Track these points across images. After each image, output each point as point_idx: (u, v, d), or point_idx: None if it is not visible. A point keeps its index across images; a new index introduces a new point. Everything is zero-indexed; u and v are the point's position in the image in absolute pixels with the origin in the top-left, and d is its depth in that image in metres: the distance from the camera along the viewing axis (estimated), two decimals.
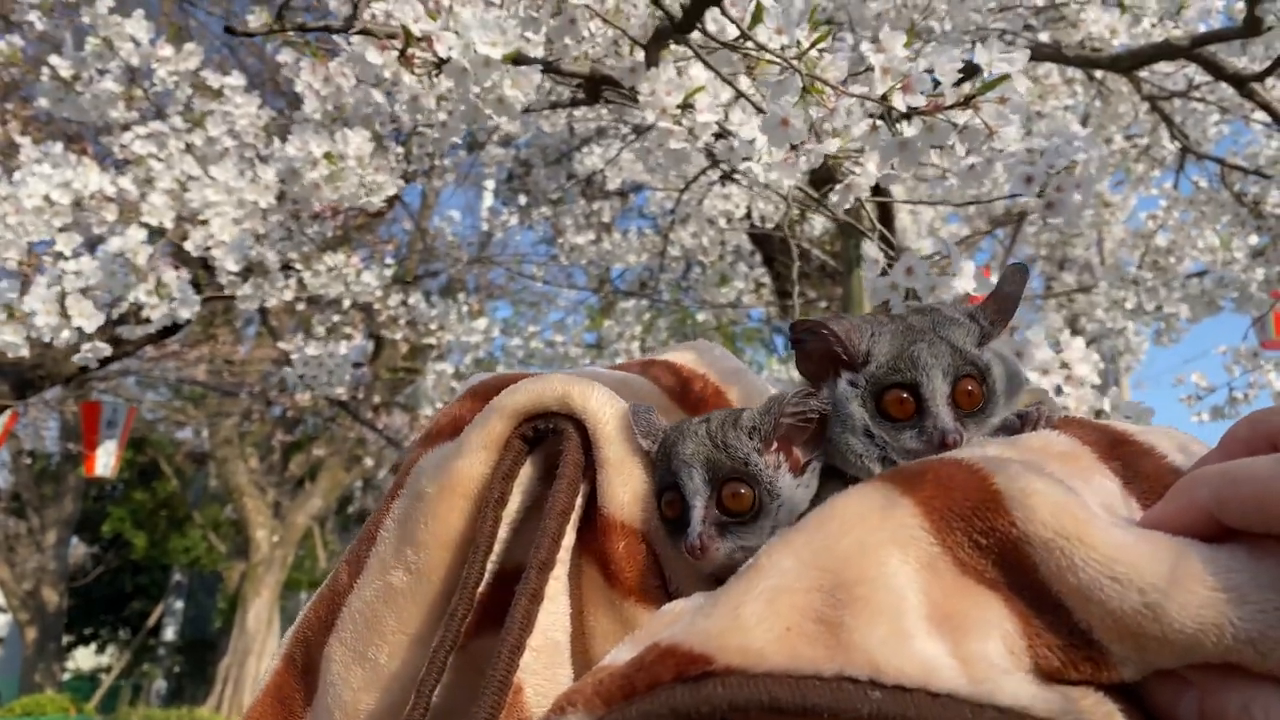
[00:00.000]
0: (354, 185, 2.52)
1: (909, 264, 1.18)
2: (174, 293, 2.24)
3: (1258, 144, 3.05)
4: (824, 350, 0.59)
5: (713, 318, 6.05)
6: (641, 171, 5.13)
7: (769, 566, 0.44)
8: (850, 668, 0.38)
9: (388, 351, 8.37)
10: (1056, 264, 4.60)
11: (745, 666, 0.39)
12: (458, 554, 0.59)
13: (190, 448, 14.74)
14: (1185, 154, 3.36)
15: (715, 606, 0.43)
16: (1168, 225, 3.49)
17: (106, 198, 2.42)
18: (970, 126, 1.05)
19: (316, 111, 2.66)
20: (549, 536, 0.56)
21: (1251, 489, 0.38)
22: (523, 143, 5.75)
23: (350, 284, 4.46)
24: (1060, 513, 0.41)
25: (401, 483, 0.64)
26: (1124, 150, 3.68)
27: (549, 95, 3.57)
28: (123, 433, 8.88)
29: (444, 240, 6.73)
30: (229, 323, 9.73)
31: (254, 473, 12.18)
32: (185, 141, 2.74)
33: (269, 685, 0.65)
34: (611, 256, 5.67)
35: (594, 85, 2.29)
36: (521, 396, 0.60)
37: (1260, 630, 0.36)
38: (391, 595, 0.59)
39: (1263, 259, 3.06)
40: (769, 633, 0.40)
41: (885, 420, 0.57)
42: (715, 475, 0.56)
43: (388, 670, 0.59)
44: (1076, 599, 0.39)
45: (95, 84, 2.76)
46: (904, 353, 0.57)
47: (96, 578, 15.32)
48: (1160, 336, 3.53)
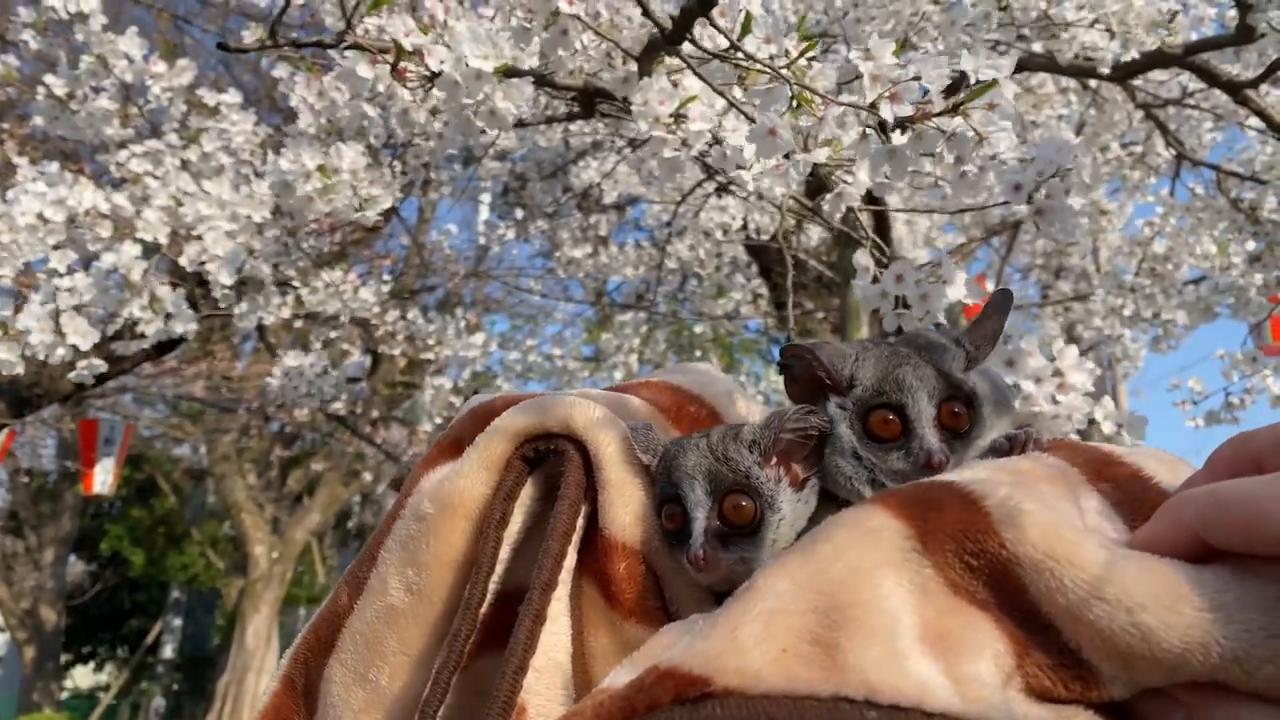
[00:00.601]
0: (348, 198, 2.52)
1: (899, 271, 1.18)
2: (168, 308, 2.23)
3: (1252, 150, 3.06)
4: (810, 375, 0.60)
5: (710, 329, 6.05)
6: (637, 184, 5.14)
7: (765, 589, 0.44)
8: (846, 688, 0.38)
9: (386, 366, 8.36)
10: (1053, 272, 4.61)
11: (743, 688, 0.39)
12: (460, 574, 0.59)
13: (188, 464, 14.71)
14: (1180, 161, 3.37)
15: (713, 629, 0.43)
16: (1164, 232, 3.49)
17: (101, 214, 2.42)
18: (959, 133, 1.04)
19: (311, 126, 2.66)
20: (551, 557, 0.56)
21: (1236, 511, 0.38)
22: (519, 157, 5.76)
23: (347, 300, 4.45)
24: (1049, 534, 0.42)
25: (403, 504, 0.64)
26: (1119, 158, 3.68)
27: (544, 110, 3.57)
28: (120, 450, 8.87)
29: (441, 254, 6.74)
30: (226, 339, 9.72)
31: (252, 489, 12.15)
32: (181, 158, 2.74)
33: (268, 708, 0.64)
34: (608, 269, 5.67)
35: (588, 98, 2.29)
36: (523, 418, 0.61)
37: (1245, 649, 0.36)
38: (393, 616, 0.60)
39: (1260, 264, 3.06)
40: (766, 654, 0.40)
41: (872, 442, 0.58)
42: (717, 487, 0.56)
43: (389, 692, 0.59)
44: (1066, 619, 0.40)
45: (90, 102, 2.76)
46: (889, 375, 0.58)
47: (94, 596, 15.25)
48: (1158, 343, 3.52)
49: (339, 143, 2.62)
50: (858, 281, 1.28)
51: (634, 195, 5.61)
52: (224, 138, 2.90)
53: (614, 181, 5.14)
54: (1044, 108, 3.30)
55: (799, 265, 4.86)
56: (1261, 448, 0.42)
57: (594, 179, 5.18)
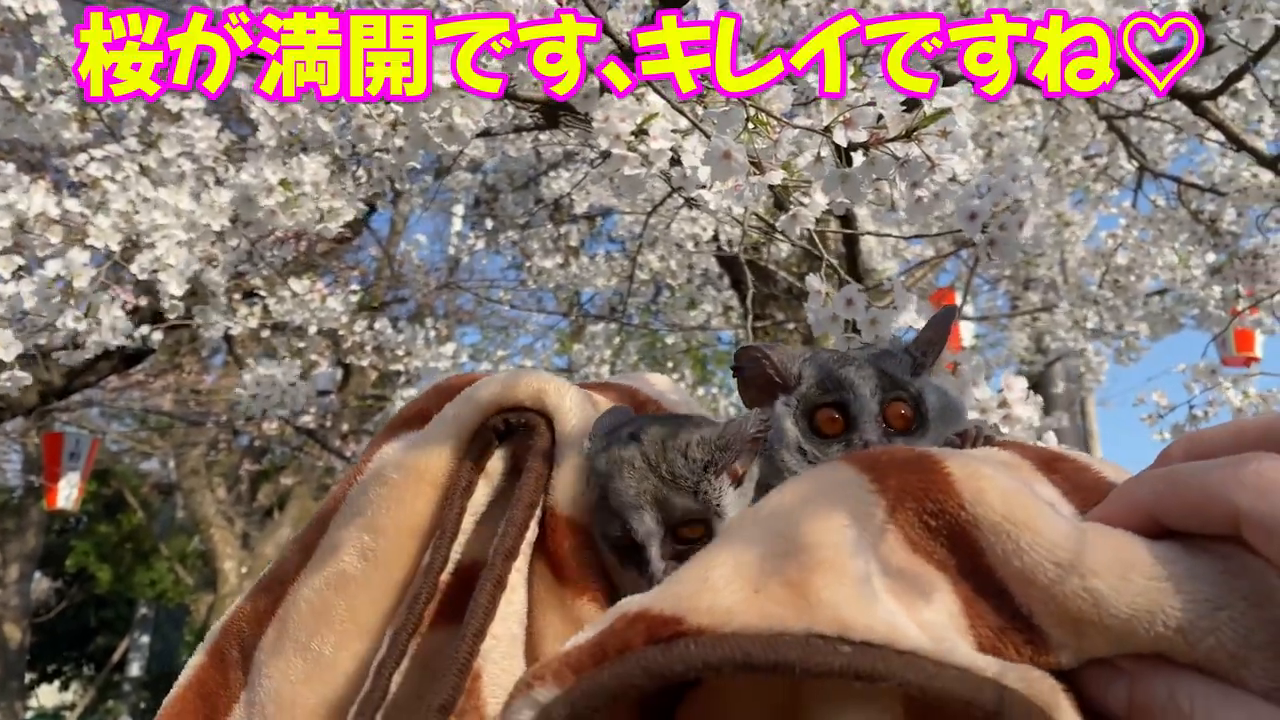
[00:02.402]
0: (310, 211, 2.49)
1: (849, 296, 1.17)
2: (105, 318, 2.16)
3: (1212, 162, 3.09)
4: (761, 375, 0.63)
5: (682, 340, 6.04)
6: (609, 195, 5.13)
7: (735, 535, 0.45)
8: (819, 625, 0.38)
9: (357, 379, 8.29)
10: (1022, 284, 4.64)
11: (715, 626, 0.39)
12: (420, 542, 0.58)
13: (156, 479, 14.51)
14: (1143, 173, 3.40)
15: (684, 573, 0.44)
16: (1127, 244, 3.52)
17: (51, 220, 2.37)
18: (912, 160, 1.04)
19: (271, 138, 2.63)
20: (516, 526, 0.56)
21: (1190, 490, 0.40)
22: (490, 168, 5.74)
23: (315, 310, 4.40)
24: (1009, 498, 0.43)
25: (360, 469, 0.63)
26: (1083, 170, 3.71)
27: (512, 120, 3.55)
28: (86, 464, 8.72)
29: (411, 265, 6.70)
30: (195, 352, 9.60)
31: (222, 503, 12.00)
32: (140, 163, 2.69)
33: (191, 680, 0.61)
34: (579, 280, 5.65)
35: (551, 111, 2.27)
36: (495, 388, 0.60)
37: (1190, 620, 0.38)
38: (344, 582, 0.58)
39: (1220, 276, 3.09)
40: (738, 594, 0.40)
41: (816, 437, 0.60)
42: (668, 517, 0.55)
43: (332, 661, 0.57)
44: (1020, 583, 0.41)
45: (47, 105, 2.70)
46: (834, 374, 0.61)
47: (60, 613, 15.00)
48: (1120, 355, 3.55)
49: (302, 155, 2.58)
50: (809, 305, 1.27)
51: (606, 206, 5.60)
52: (186, 144, 2.85)
53: (585, 192, 5.13)
54: (1009, 118, 3.33)
55: (769, 277, 4.87)
56: (1214, 445, 0.43)
57: (565, 190, 5.17)
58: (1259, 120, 2.71)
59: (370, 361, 5.63)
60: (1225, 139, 2.58)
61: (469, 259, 6.51)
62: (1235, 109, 2.81)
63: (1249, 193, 2.90)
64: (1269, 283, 3.04)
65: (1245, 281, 3.11)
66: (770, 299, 5.57)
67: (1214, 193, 3.00)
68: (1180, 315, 3.54)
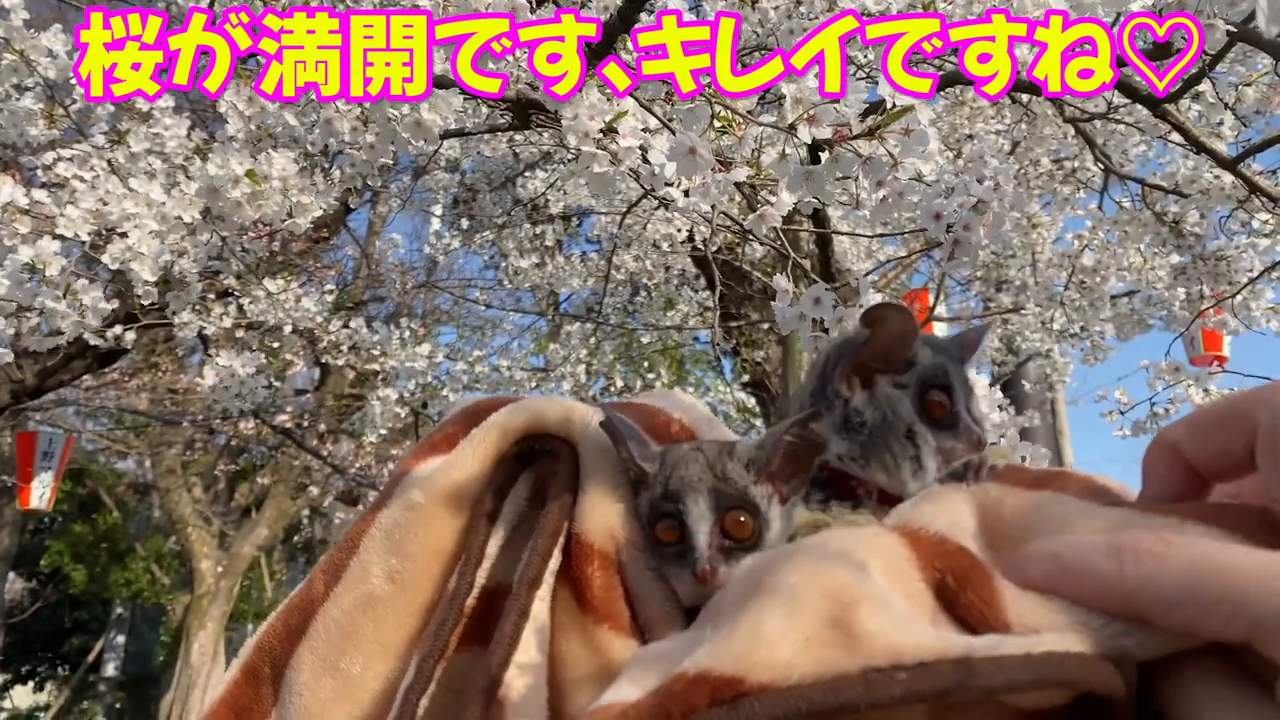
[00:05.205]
0: (277, 205, 2.48)
1: (816, 295, 1.19)
2: (84, 300, 2.15)
3: (1176, 164, 3.14)
4: (892, 339, 0.62)
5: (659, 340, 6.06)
6: (586, 196, 5.14)
7: (776, 584, 0.45)
8: (873, 659, 0.39)
9: (334, 379, 8.25)
10: (994, 285, 4.68)
11: (776, 681, 0.40)
12: (445, 566, 0.60)
13: (132, 478, 14.38)
14: (1109, 175, 3.45)
15: (734, 630, 0.44)
16: (1093, 245, 3.57)
17: (20, 210, 2.35)
18: (874, 157, 1.06)
19: (240, 132, 2.62)
20: (539, 555, 0.57)
21: (1216, 409, 0.42)
22: (469, 168, 5.73)
23: (290, 309, 4.39)
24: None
25: (390, 493, 0.64)
26: (1050, 172, 3.76)
27: (486, 119, 3.56)
28: (59, 464, 8.64)
29: (388, 265, 6.68)
30: (171, 351, 9.53)
31: (198, 503, 11.91)
32: (108, 159, 2.67)
33: (225, 696, 0.62)
34: (555, 280, 5.66)
35: (521, 109, 2.28)
36: (521, 415, 0.62)
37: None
38: (372, 604, 0.59)
39: (1184, 277, 3.14)
40: (792, 644, 0.41)
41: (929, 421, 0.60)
42: (720, 503, 0.57)
43: (360, 681, 0.58)
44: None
45: (13, 101, 2.68)
46: (941, 369, 0.60)
47: (34, 613, 14.82)
48: (1087, 356, 3.60)
49: (271, 150, 2.57)
50: (776, 304, 1.29)
51: (583, 207, 5.61)
52: (156, 142, 2.83)
53: (561, 192, 5.13)
54: (977, 121, 3.37)
55: (744, 277, 4.89)
56: (1178, 442, 0.44)
57: (541, 190, 5.17)
58: (1220, 123, 2.75)
59: (347, 361, 5.61)
60: (1186, 141, 2.62)
61: (444, 258, 6.50)
62: (1197, 112, 2.86)
63: (1211, 194, 2.95)
64: (1231, 284, 3.09)
65: (1209, 283, 3.16)
66: (745, 299, 5.60)
67: (1177, 194, 3.04)
68: (1149, 316, 3.60)
